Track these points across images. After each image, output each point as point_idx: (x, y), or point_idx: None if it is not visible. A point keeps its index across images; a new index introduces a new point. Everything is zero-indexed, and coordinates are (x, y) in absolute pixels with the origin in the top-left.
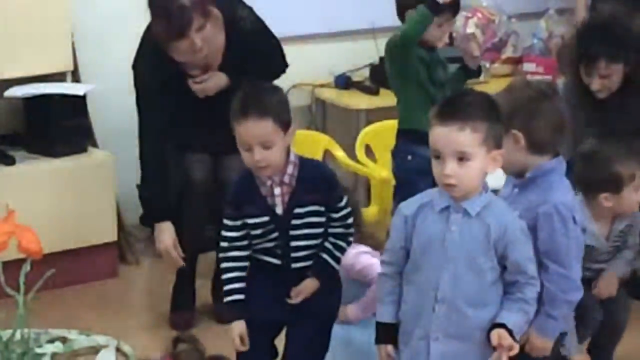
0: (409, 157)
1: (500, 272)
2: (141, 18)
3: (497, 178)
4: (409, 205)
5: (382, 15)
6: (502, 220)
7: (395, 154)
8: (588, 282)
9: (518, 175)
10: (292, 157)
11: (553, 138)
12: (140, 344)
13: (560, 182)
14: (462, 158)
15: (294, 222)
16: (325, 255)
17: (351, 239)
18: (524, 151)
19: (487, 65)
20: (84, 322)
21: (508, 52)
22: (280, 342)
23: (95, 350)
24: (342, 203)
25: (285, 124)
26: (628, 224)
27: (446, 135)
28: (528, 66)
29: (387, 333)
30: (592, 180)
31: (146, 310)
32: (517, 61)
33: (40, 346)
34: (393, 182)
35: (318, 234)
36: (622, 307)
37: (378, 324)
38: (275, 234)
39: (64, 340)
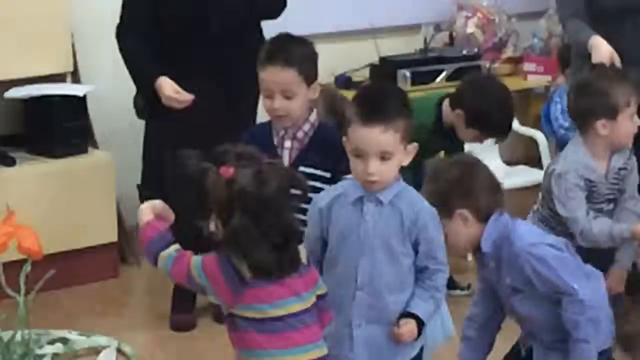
0: None
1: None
2: None
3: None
4: (323, 197)
5: (381, 15)
6: (414, 207)
7: None
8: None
9: (476, 249)
10: (312, 118)
11: (495, 199)
12: (141, 344)
13: (513, 228)
14: (384, 157)
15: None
16: None
17: None
18: (475, 224)
19: (488, 65)
20: (85, 323)
21: (508, 52)
22: None
23: (96, 351)
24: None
25: (309, 78)
26: (623, 167)
27: (370, 137)
28: (528, 66)
29: None
30: (588, 108)
31: (147, 311)
32: (517, 61)
33: (41, 347)
34: None
35: None
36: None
37: None
38: None
39: (64, 341)
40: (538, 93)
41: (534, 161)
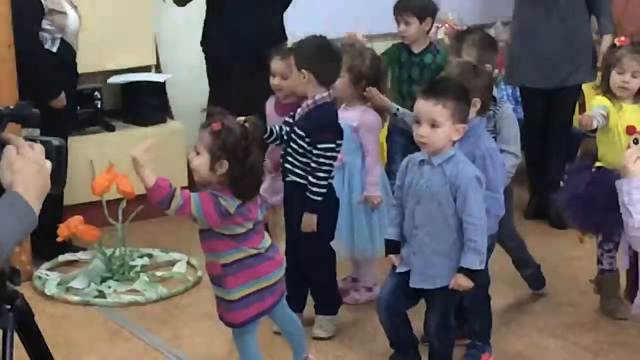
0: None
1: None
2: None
3: None
4: (405, 160)
5: (378, 25)
6: (456, 169)
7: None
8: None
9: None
10: (317, 97)
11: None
12: (203, 258)
13: (485, 132)
14: (434, 125)
15: (293, 136)
16: (309, 195)
17: (321, 174)
18: (475, 113)
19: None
20: (164, 243)
21: None
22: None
23: (172, 263)
24: (323, 145)
25: (299, 66)
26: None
27: (424, 107)
28: None
29: (392, 246)
30: None
31: None
32: None
33: (133, 260)
34: None
35: (303, 154)
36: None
37: (386, 240)
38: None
39: (150, 256)
40: None
41: None
